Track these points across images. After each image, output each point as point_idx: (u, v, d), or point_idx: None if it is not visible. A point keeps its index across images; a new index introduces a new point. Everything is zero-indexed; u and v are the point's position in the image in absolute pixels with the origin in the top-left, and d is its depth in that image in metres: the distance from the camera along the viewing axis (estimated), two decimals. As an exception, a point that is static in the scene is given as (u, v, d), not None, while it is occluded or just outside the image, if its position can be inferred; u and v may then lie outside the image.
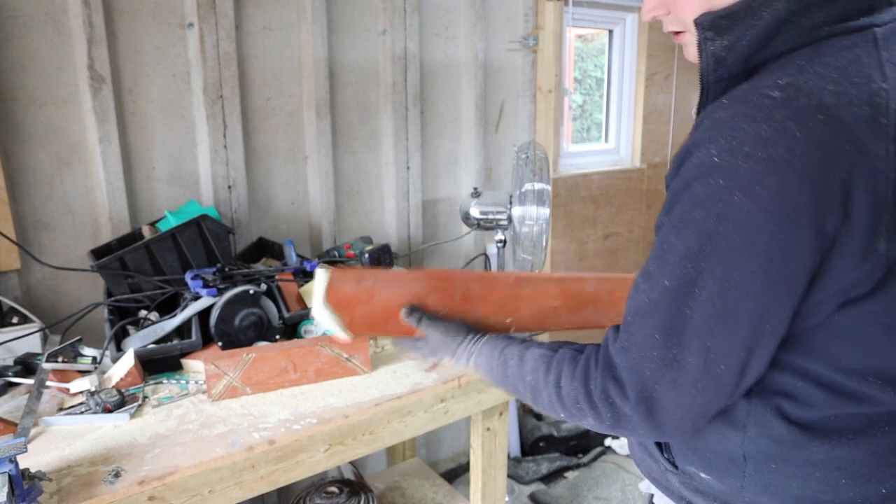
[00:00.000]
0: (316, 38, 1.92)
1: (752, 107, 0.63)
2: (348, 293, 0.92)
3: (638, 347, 0.70)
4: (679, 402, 0.69)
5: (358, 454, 1.23)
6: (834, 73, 0.63)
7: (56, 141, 1.58)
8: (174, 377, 1.36)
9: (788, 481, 0.75)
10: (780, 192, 0.59)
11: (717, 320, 0.65)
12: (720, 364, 0.66)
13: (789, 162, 0.59)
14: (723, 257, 0.63)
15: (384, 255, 1.72)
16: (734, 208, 0.61)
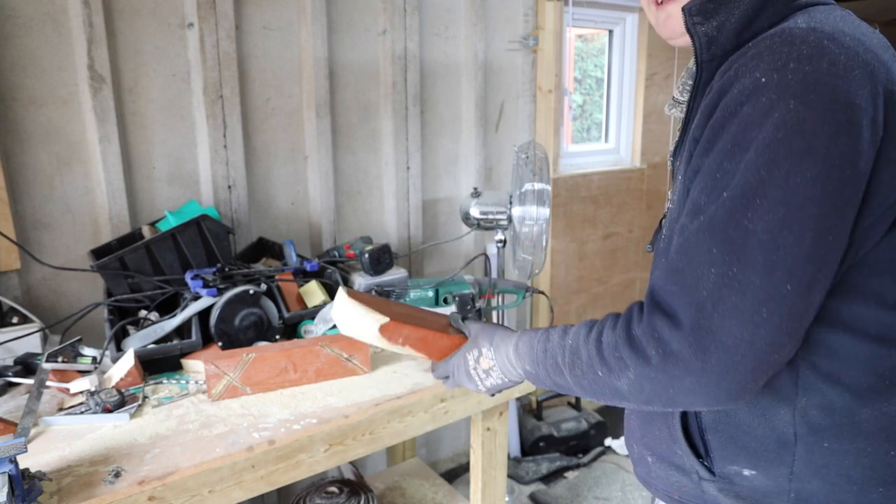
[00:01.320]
0: (316, 38, 1.92)
1: (786, 35, 0.65)
2: (366, 298, 0.91)
3: (690, 266, 0.64)
4: (740, 333, 0.62)
5: (358, 454, 1.23)
6: (837, 19, 0.68)
7: (56, 141, 1.58)
8: (174, 377, 1.36)
9: (840, 460, 0.71)
10: (833, 99, 0.60)
11: (783, 229, 0.61)
12: (787, 282, 0.61)
13: (835, 73, 0.61)
14: (783, 164, 0.61)
15: (384, 255, 1.72)
16: (791, 115, 0.61)
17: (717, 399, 0.66)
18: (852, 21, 0.69)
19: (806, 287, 0.62)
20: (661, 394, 0.68)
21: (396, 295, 1.66)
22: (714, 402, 0.67)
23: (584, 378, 0.75)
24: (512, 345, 0.85)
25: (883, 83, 0.63)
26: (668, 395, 0.68)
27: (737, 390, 0.65)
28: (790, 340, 0.64)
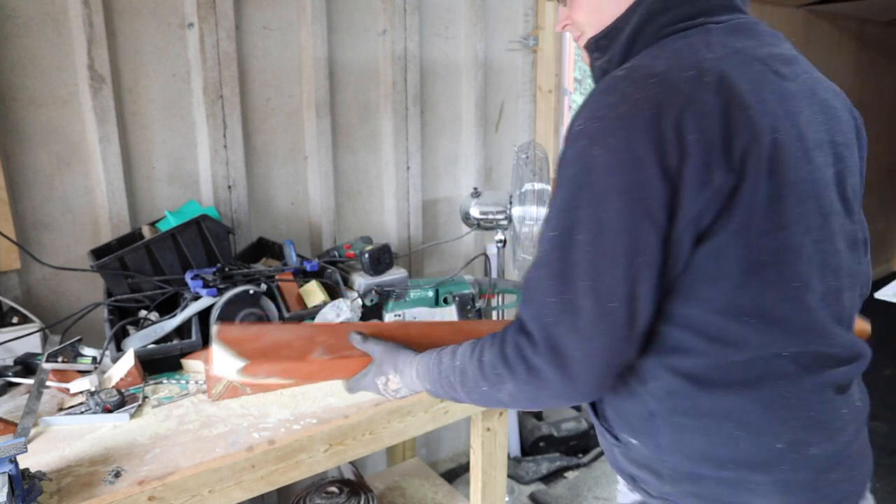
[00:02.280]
0: (316, 38, 1.92)
1: (604, 85, 0.77)
2: (238, 333, 0.95)
3: (538, 297, 0.76)
4: (582, 347, 0.73)
5: (358, 454, 1.23)
6: (667, 53, 0.77)
7: (56, 141, 1.58)
8: (174, 377, 1.36)
9: (692, 436, 0.80)
10: (626, 140, 0.71)
11: (599, 258, 0.72)
12: (611, 300, 0.72)
13: (630, 116, 0.72)
14: (593, 202, 0.72)
15: (384, 255, 1.72)
16: (596, 160, 0.72)
17: (576, 399, 0.80)
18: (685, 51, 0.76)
19: (628, 301, 0.73)
20: (534, 400, 0.81)
21: (396, 295, 1.66)
22: (575, 402, 0.81)
23: (474, 392, 0.86)
24: (413, 369, 0.95)
25: (676, 115, 0.70)
26: (540, 401, 0.81)
27: (591, 391, 0.77)
28: (626, 345, 0.75)
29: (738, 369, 0.77)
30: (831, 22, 4.02)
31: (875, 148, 4.57)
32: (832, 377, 0.80)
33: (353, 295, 1.65)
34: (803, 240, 0.76)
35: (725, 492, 0.79)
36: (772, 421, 0.77)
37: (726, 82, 0.72)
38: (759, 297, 0.75)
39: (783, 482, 0.78)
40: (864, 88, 4.51)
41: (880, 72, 4.65)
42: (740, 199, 0.72)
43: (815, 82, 0.83)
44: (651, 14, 0.82)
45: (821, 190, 0.78)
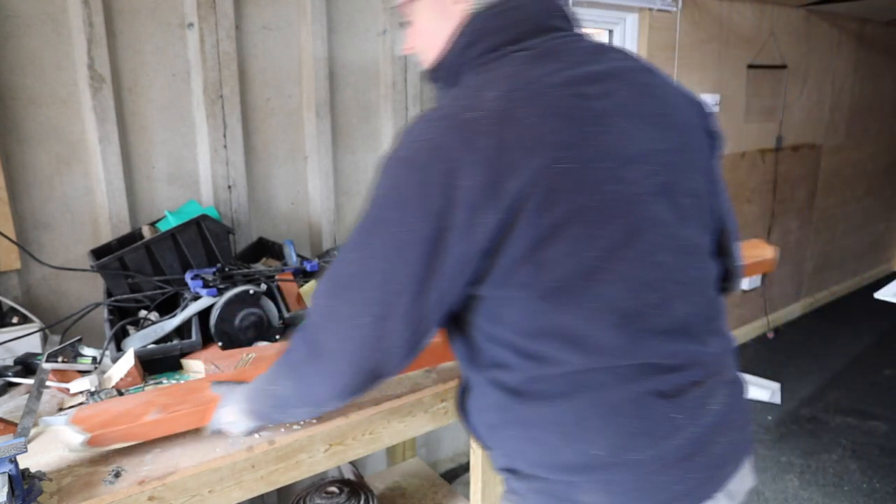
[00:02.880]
0: (316, 38, 1.92)
1: (410, 123, 0.82)
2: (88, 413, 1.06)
3: (314, 303, 0.86)
4: (339, 347, 0.82)
5: (358, 454, 1.22)
6: (463, 93, 0.82)
7: (56, 141, 1.58)
8: (174, 377, 1.36)
9: (523, 445, 0.87)
10: (399, 179, 0.78)
11: (360, 275, 0.80)
12: (363, 316, 0.80)
13: (408, 158, 0.78)
14: (369, 228, 0.80)
15: (384, 255, 1.72)
16: (377, 194, 0.80)
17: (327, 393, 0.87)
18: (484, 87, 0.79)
19: (379, 319, 0.79)
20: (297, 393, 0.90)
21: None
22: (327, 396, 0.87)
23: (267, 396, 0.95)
24: (240, 394, 1.03)
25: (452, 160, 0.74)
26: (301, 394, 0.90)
27: (337, 388, 0.85)
28: (375, 354, 0.81)
29: (551, 382, 0.82)
30: (831, 22, 4.02)
31: (875, 148, 4.58)
32: (654, 385, 0.82)
33: (353, 295, 1.65)
34: (602, 263, 0.78)
35: (562, 490, 0.85)
36: (587, 430, 0.82)
37: (506, 121, 0.75)
38: (556, 320, 0.79)
39: (606, 482, 0.83)
40: (864, 88, 4.51)
41: (880, 72, 4.65)
42: (517, 236, 0.76)
43: (639, 96, 0.83)
44: (464, 46, 0.86)
45: (633, 206, 0.79)
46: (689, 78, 3.20)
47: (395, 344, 0.81)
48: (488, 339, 0.86)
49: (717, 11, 3.25)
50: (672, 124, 0.86)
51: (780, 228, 4.09)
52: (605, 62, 0.85)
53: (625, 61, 0.88)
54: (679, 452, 0.82)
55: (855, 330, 4.17)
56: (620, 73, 0.84)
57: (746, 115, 3.61)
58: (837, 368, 3.60)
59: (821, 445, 2.81)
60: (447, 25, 0.89)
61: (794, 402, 3.22)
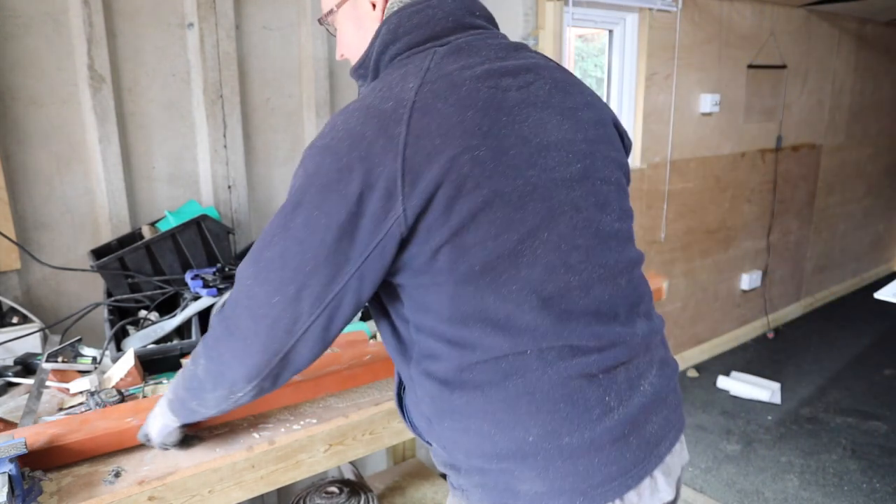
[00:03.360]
0: (316, 38, 1.92)
1: (333, 115, 0.85)
2: None
3: (236, 283, 0.87)
4: (251, 324, 0.83)
5: (358, 454, 1.22)
6: (381, 84, 0.85)
7: (56, 141, 1.58)
8: (174, 377, 1.36)
9: (459, 436, 0.87)
10: (318, 165, 0.80)
11: (277, 256, 0.81)
12: (277, 295, 0.81)
13: (326, 146, 0.80)
14: (287, 211, 0.82)
15: (384, 255, 1.72)
16: (297, 180, 0.82)
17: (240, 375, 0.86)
18: (397, 82, 0.83)
19: (293, 300, 0.81)
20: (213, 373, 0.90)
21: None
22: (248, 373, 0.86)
23: (189, 380, 0.94)
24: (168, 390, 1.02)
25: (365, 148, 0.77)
26: (216, 374, 0.89)
27: (255, 367, 0.85)
28: (286, 337, 0.83)
29: (480, 370, 0.83)
30: (831, 22, 4.02)
31: (875, 148, 4.58)
32: (581, 368, 0.83)
33: (353, 295, 1.65)
34: (521, 245, 0.80)
35: (501, 480, 0.85)
36: (519, 416, 0.82)
37: (420, 111, 0.78)
38: (480, 304, 0.80)
39: (541, 468, 0.83)
40: (864, 88, 4.51)
41: (880, 72, 4.65)
42: (432, 222, 0.78)
43: (552, 91, 0.87)
44: (384, 45, 0.90)
45: (550, 191, 0.82)
46: (688, 78, 3.20)
47: (305, 327, 0.82)
48: (417, 331, 0.87)
49: (717, 11, 3.25)
50: (587, 118, 0.89)
51: (780, 228, 4.09)
52: (522, 59, 0.88)
53: (539, 59, 0.91)
54: (612, 434, 0.84)
55: (855, 330, 4.17)
56: (535, 69, 0.88)
57: (746, 115, 3.61)
58: (837, 368, 3.60)
59: (821, 445, 2.81)
60: (370, 28, 0.94)
61: (794, 402, 3.22)
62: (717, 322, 3.82)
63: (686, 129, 3.27)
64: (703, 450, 2.81)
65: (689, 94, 3.24)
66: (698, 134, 3.36)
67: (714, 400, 3.27)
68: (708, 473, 2.64)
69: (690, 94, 3.25)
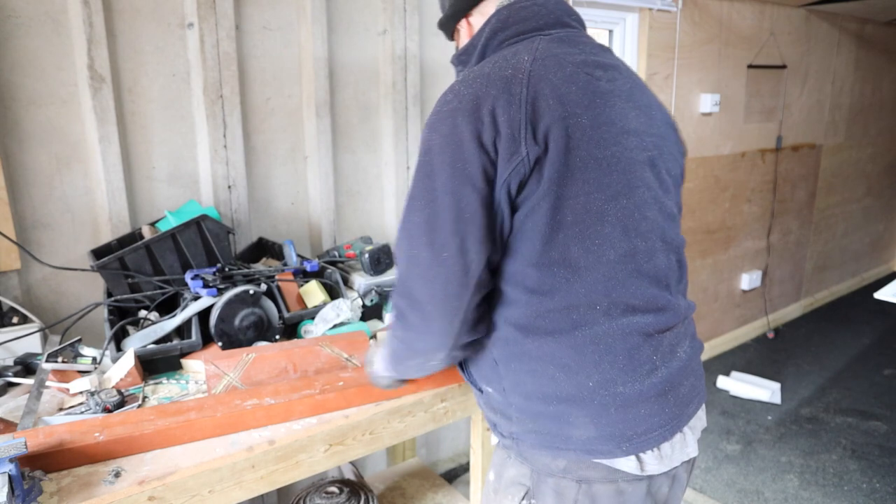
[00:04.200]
0: (316, 37, 1.92)
1: (448, 88, 0.96)
2: None
3: (398, 258, 0.95)
4: (426, 290, 0.92)
5: (358, 454, 1.23)
6: (496, 59, 0.96)
7: (56, 141, 1.58)
8: (174, 377, 1.36)
9: (525, 378, 0.97)
10: (452, 125, 0.90)
11: (432, 216, 0.90)
12: (443, 251, 0.90)
13: (457, 108, 0.91)
14: (429, 175, 0.91)
15: (384, 255, 1.72)
16: (431, 143, 0.92)
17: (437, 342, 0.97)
18: (510, 56, 0.95)
19: (458, 252, 0.90)
20: (409, 346, 1.01)
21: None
22: (438, 344, 0.97)
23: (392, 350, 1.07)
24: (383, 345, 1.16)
25: (491, 104, 0.89)
26: (413, 345, 1.00)
27: (443, 331, 0.94)
28: (462, 289, 0.91)
29: (553, 318, 0.93)
30: (831, 22, 4.02)
31: (875, 148, 4.58)
32: (637, 325, 0.94)
33: (353, 295, 1.65)
34: (607, 205, 0.91)
35: (554, 426, 0.95)
36: (584, 363, 0.93)
37: (536, 78, 0.91)
38: (566, 251, 0.91)
39: (595, 414, 0.93)
40: (864, 88, 4.51)
41: (880, 72, 4.65)
42: (545, 168, 0.89)
43: (633, 89, 1.00)
44: (494, 31, 1.02)
45: (630, 166, 0.94)
46: (689, 78, 3.20)
47: (475, 273, 0.91)
48: (504, 278, 0.96)
49: (717, 11, 3.25)
50: (657, 118, 1.02)
51: (780, 228, 4.09)
52: (608, 58, 1.02)
53: (620, 63, 1.04)
54: (656, 388, 0.95)
55: (855, 330, 4.17)
56: (619, 68, 1.01)
57: (746, 115, 3.61)
58: (837, 368, 3.60)
59: (821, 445, 2.81)
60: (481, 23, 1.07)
61: (794, 402, 3.22)
62: (717, 322, 3.82)
63: (686, 129, 3.27)
64: (703, 450, 2.81)
65: (690, 94, 3.24)
66: (698, 134, 3.36)
67: (714, 400, 3.27)
68: (708, 473, 2.64)
69: (690, 94, 3.25)
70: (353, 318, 1.54)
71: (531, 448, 0.99)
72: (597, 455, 0.94)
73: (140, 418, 1.10)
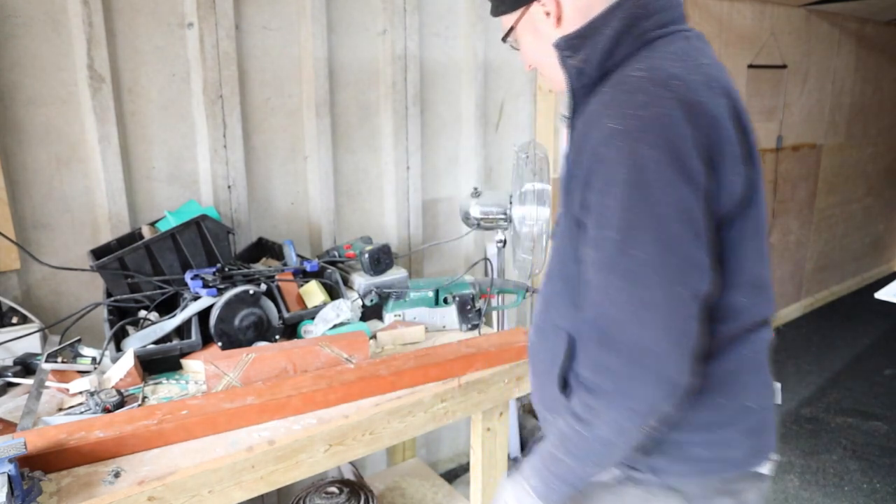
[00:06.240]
0: (316, 37, 1.91)
1: (626, 85, 0.82)
2: None
3: (610, 300, 0.79)
4: (662, 338, 0.77)
5: (358, 454, 1.22)
6: (671, 55, 0.84)
7: (55, 141, 1.58)
8: (174, 377, 1.36)
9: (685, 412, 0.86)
10: (669, 137, 0.76)
11: (664, 250, 0.76)
12: (681, 287, 0.77)
13: (667, 114, 0.77)
14: (651, 198, 0.76)
15: (384, 255, 1.72)
16: (645, 158, 0.76)
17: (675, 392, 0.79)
18: (685, 55, 0.84)
19: (695, 287, 0.78)
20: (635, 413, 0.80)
21: (396, 295, 1.66)
22: (674, 395, 0.80)
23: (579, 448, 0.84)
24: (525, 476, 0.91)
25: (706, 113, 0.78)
26: (641, 412, 0.80)
27: (678, 377, 0.78)
28: (698, 323, 0.79)
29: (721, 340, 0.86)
30: (831, 22, 4.02)
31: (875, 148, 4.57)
32: (768, 339, 0.93)
33: (353, 295, 1.65)
34: (762, 222, 0.88)
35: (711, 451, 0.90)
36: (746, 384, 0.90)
37: (725, 87, 0.83)
38: (751, 270, 0.86)
39: (748, 432, 0.90)
40: (864, 88, 4.51)
41: (880, 72, 4.64)
42: (735, 189, 0.82)
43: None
44: (634, 17, 0.87)
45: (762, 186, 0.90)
46: (689, 78, 3.19)
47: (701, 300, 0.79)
48: None
49: (717, 11, 3.25)
50: None
51: (780, 228, 4.08)
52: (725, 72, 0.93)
53: None
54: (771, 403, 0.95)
55: (855, 330, 4.17)
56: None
57: (746, 115, 3.61)
58: (837, 368, 3.59)
59: (821, 445, 2.81)
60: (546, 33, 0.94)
61: (794, 402, 3.22)
62: (717, 322, 3.81)
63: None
64: (703, 450, 2.81)
65: (689, 93, 3.23)
66: (698, 134, 3.35)
67: (714, 400, 3.26)
68: (708, 473, 2.63)
69: (690, 93, 3.24)
70: (353, 318, 1.54)
71: (680, 476, 0.91)
72: (751, 466, 0.93)
73: (139, 418, 1.10)
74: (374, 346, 1.53)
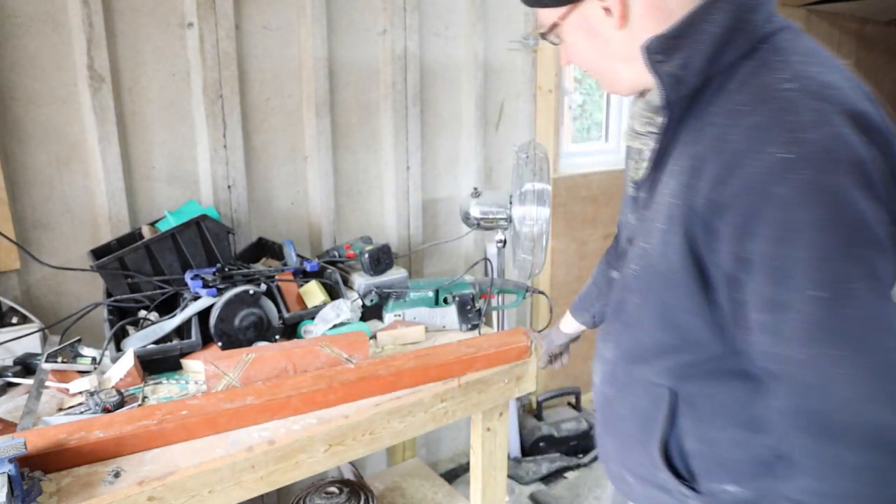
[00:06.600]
0: (316, 37, 1.91)
1: (780, 101, 0.65)
2: None
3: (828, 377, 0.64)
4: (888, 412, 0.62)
5: (358, 454, 1.22)
6: (806, 57, 0.68)
7: (55, 141, 1.58)
8: (174, 377, 1.36)
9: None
10: (851, 159, 0.62)
11: (883, 298, 0.62)
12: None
13: (840, 134, 0.62)
14: (849, 238, 0.61)
15: (384, 255, 1.72)
16: (841, 193, 0.61)
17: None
18: (818, 55, 0.70)
19: None
20: None
21: (396, 295, 1.66)
22: None
23: None
24: None
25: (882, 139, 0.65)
26: None
27: None
28: None
29: None
30: (831, 22, 4.02)
31: (875, 148, 4.46)
32: None
33: (353, 295, 1.65)
34: None
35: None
36: None
37: (868, 91, 0.69)
38: None
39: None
40: (864, 88, 4.51)
41: (880, 72, 4.64)
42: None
43: None
44: (742, 10, 0.71)
45: None
46: (689, 78, 3.19)
47: None
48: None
49: (717, 11, 3.24)
50: None
51: None
52: None
53: None
54: None
55: None
56: None
57: (746, 115, 3.61)
58: None
59: (821, 445, 2.80)
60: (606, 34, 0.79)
61: (794, 402, 3.21)
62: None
63: (686, 129, 3.26)
64: (703, 450, 2.81)
65: (689, 93, 3.23)
66: (698, 134, 3.35)
67: (714, 400, 3.26)
68: (708, 473, 2.63)
69: (690, 93, 3.24)
70: (353, 319, 1.54)
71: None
72: None
73: (139, 418, 1.10)
74: (374, 346, 1.53)
